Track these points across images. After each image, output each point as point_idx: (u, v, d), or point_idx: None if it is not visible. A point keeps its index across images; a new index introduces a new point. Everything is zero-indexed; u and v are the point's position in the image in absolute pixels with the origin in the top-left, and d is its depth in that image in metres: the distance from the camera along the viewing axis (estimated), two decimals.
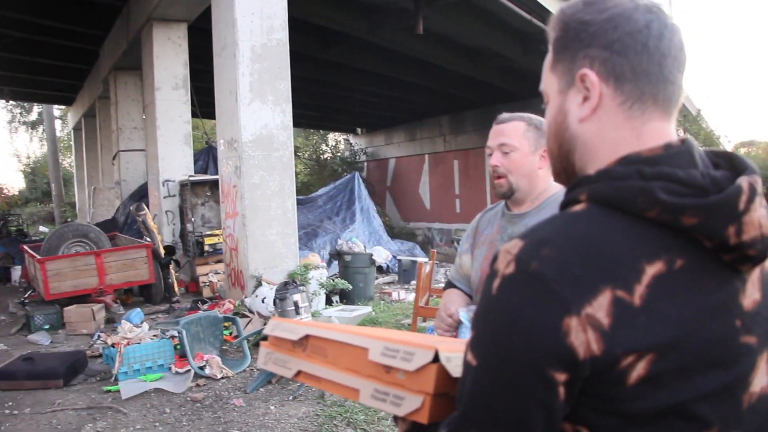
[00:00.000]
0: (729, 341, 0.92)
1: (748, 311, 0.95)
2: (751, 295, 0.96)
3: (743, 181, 0.90)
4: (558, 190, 2.25)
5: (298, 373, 1.29)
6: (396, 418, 1.12)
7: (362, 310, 8.65)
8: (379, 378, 1.10)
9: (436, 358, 1.01)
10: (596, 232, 0.91)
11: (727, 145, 17.12)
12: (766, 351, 0.97)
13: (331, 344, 1.22)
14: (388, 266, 13.70)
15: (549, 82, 1.08)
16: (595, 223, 0.92)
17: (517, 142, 2.21)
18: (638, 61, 0.97)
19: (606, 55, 0.98)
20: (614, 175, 0.95)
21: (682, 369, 0.88)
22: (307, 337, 1.28)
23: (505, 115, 2.28)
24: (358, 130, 27.23)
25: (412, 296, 10.25)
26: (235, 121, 8.47)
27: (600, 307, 0.85)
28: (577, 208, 0.97)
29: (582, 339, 0.85)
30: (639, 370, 0.86)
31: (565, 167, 1.08)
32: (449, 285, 2.51)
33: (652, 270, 0.88)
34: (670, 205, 0.89)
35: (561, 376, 0.86)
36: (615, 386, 0.87)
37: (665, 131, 1.00)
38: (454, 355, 1.02)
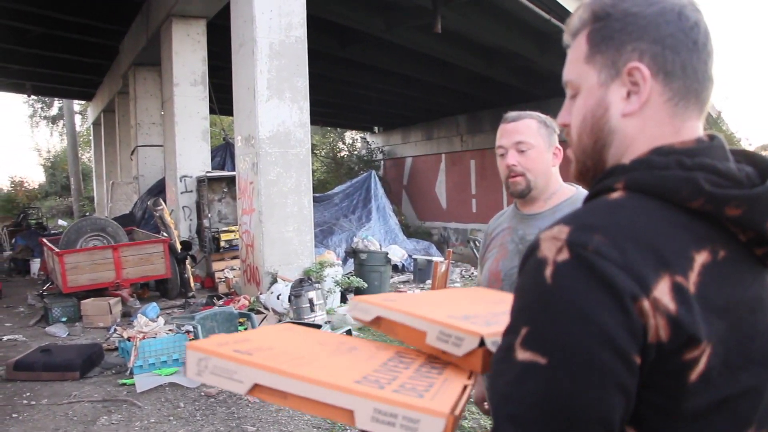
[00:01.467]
0: (766, 336, 0.92)
1: None
2: None
3: None
4: (573, 193, 2.23)
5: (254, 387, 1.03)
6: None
7: None
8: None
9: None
10: (643, 219, 0.89)
11: (749, 148, 16.93)
12: None
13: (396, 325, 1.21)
14: (403, 265, 13.69)
15: (583, 74, 1.03)
16: (639, 210, 0.90)
17: (533, 140, 2.19)
18: (689, 58, 0.96)
19: (657, 49, 0.96)
20: (654, 164, 0.93)
21: (727, 364, 0.87)
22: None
23: (513, 114, 2.26)
24: (375, 128, 27.21)
25: None
26: (253, 118, 8.51)
27: (664, 293, 0.83)
28: (615, 195, 0.94)
29: (653, 323, 0.82)
30: (701, 364, 0.84)
31: (596, 163, 1.04)
32: None
33: (700, 258, 0.87)
34: (715, 196, 0.88)
35: (637, 359, 0.82)
36: (677, 379, 0.85)
37: (699, 130, 1.00)
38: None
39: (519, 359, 0.84)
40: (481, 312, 1.23)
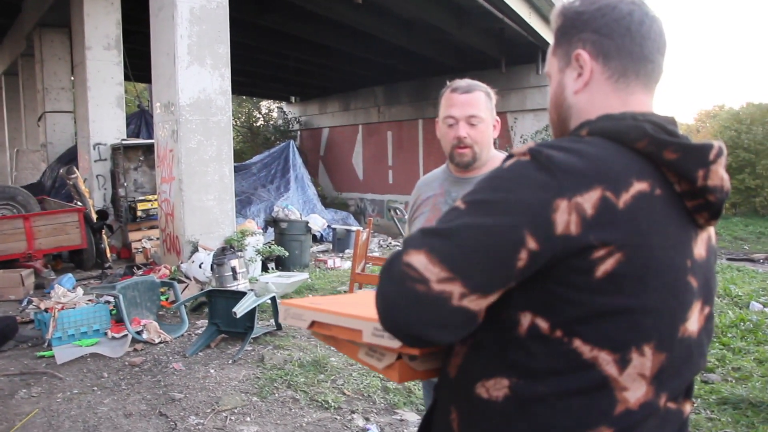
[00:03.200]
0: (681, 273, 1.10)
1: (695, 259, 1.14)
2: (699, 249, 1.16)
3: (714, 142, 1.10)
4: (500, 157, 2.35)
5: (312, 323, 1.48)
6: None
7: (299, 276, 8.71)
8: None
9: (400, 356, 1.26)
10: (596, 148, 1.08)
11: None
12: (700, 301, 1.16)
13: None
14: (321, 235, 13.76)
15: (551, 64, 1.29)
16: (595, 143, 1.10)
17: (483, 114, 2.28)
18: (622, 41, 1.18)
19: (595, 37, 1.19)
20: (611, 116, 1.14)
21: (641, 278, 1.04)
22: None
23: (463, 84, 2.31)
24: (292, 98, 26.88)
25: (347, 264, 10.38)
26: (173, 85, 8.32)
27: (589, 200, 1.01)
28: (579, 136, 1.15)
29: (565, 219, 1.01)
30: (607, 264, 1.02)
31: (562, 133, 1.26)
32: None
33: (639, 186, 1.05)
34: (656, 138, 1.07)
35: (531, 243, 1.01)
36: (584, 275, 1.03)
37: (647, 104, 1.21)
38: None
39: (456, 204, 1.07)
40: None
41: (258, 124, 28.52)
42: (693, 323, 1.14)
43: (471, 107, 2.26)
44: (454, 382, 1.20)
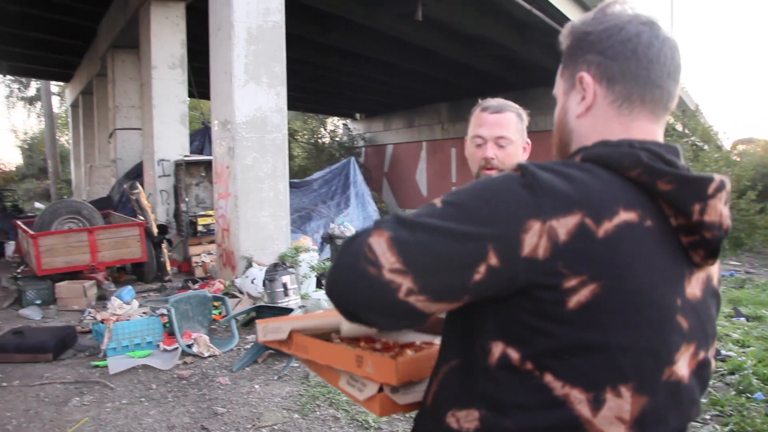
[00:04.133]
0: (667, 311, 1.01)
1: (688, 299, 1.05)
2: (693, 289, 1.06)
3: (715, 175, 1.03)
4: None
5: (290, 332, 1.42)
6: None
7: None
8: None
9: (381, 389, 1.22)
10: (586, 174, 1.02)
11: (726, 142, 17.13)
12: (693, 345, 1.06)
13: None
14: None
15: (558, 86, 1.24)
16: (587, 168, 1.04)
17: (512, 136, 2.16)
18: (627, 65, 1.10)
19: (600, 59, 1.12)
20: (607, 143, 1.08)
21: (619, 312, 0.97)
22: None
23: (494, 104, 2.21)
24: (357, 115, 27.16)
25: None
26: (230, 103, 8.50)
27: (565, 225, 0.96)
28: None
29: (533, 241, 0.96)
30: (581, 295, 0.96)
31: (563, 158, 1.19)
32: None
33: (625, 215, 0.99)
34: (650, 167, 1.01)
35: (493, 259, 0.96)
36: (555, 305, 0.96)
37: (653, 132, 1.13)
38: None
39: (434, 201, 1.03)
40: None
41: (323, 141, 28.86)
42: (682, 367, 1.05)
43: (500, 128, 2.16)
44: (429, 410, 1.15)
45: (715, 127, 17.53)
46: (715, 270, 1.13)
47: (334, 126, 31.45)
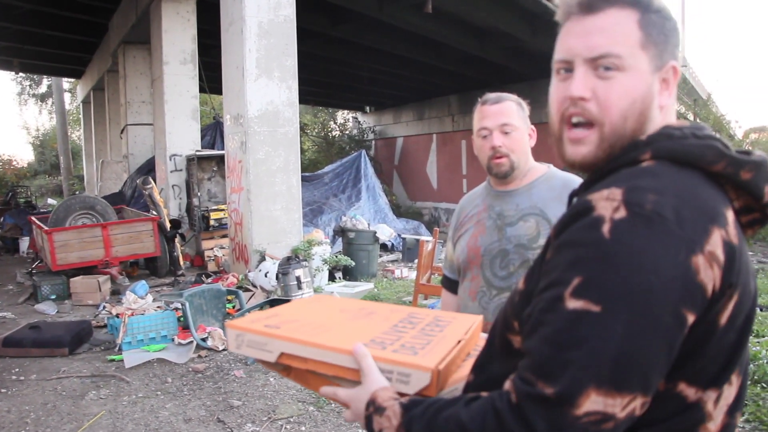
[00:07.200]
0: (753, 298, 1.02)
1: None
2: None
3: (761, 153, 1.02)
4: (546, 170, 2.30)
5: (281, 355, 1.18)
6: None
7: (364, 286, 8.74)
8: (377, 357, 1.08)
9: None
10: (681, 182, 0.95)
11: (738, 131, 16.98)
12: None
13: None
14: (392, 244, 13.75)
15: (637, 57, 1.03)
16: (676, 174, 0.96)
17: (516, 122, 2.23)
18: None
19: (677, 53, 1.08)
20: (672, 135, 1.01)
21: (742, 310, 0.96)
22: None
23: (492, 96, 2.28)
24: (367, 108, 27.10)
25: (414, 274, 10.31)
26: (242, 97, 8.52)
27: (716, 245, 0.90)
28: (645, 164, 1.00)
29: (710, 276, 0.89)
30: (728, 310, 0.93)
31: (621, 144, 1.05)
32: (444, 279, 2.52)
33: (729, 216, 0.96)
34: (736, 159, 0.98)
35: (691, 317, 0.88)
36: (711, 325, 0.93)
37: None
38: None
39: (569, 308, 0.87)
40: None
41: (333, 134, 28.85)
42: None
43: (503, 116, 2.23)
44: None
45: (728, 116, 17.32)
46: None
47: (344, 119, 31.43)
